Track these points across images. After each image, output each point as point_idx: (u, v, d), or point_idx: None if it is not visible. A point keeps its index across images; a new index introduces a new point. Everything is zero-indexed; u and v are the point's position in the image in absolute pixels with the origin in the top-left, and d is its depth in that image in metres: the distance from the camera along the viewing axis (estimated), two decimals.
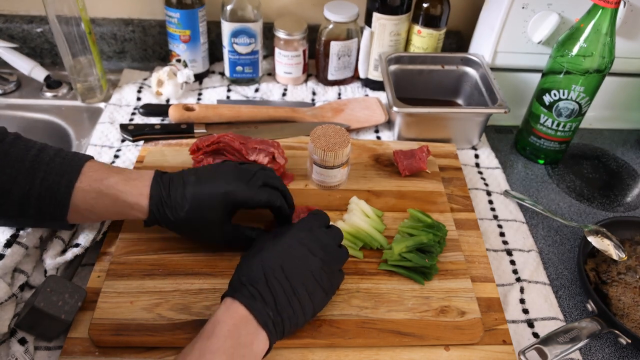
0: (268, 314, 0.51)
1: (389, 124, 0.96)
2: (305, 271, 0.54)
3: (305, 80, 1.06)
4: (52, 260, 0.62)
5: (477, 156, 0.91)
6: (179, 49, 0.97)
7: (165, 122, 0.92)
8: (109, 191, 0.58)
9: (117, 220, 0.69)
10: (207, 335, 0.49)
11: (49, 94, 0.96)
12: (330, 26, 0.97)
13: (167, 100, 0.96)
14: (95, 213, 0.60)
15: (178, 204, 0.59)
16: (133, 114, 0.93)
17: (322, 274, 0.55)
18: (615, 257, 0.69)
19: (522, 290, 0.69)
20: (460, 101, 1.02)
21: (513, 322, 0.66)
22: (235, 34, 0.94)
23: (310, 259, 0.55)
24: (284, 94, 1.01)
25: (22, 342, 0.56)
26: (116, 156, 0.83)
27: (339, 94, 1.03)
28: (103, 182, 0.58)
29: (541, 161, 0.93)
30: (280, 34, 0.96)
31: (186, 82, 0.96)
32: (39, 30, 1.00)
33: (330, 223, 0.68)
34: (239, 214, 0.64)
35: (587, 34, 0.77)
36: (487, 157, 0.91)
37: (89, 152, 0.84)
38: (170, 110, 0.89)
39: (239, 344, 0.48)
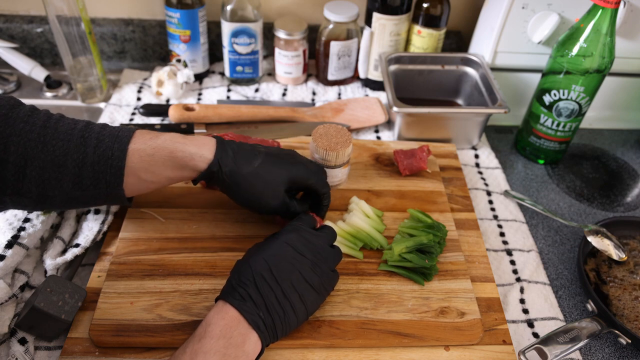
0: (258, 315, 0.51)
1: (389, 124, 0.96)
2: (294, 272, 0.54)
3: (305, 80, 1.06)
4: (52, 261, 0.62)
5: (477, 156, 0.91)
6: (179, 49, 0.97)
7: (166, 122, 0.92)
8: (166, 145, 0.58)
9: (117, 220, 0.69)
10: (198, 337, 0.49)
11: (49, 94, 0.96)
12: (330, 26, 0.97)
13: (167, 100, 0.96)
14: (152, 172, 0.58)
15: (249, 156, 0.60)
16: (133, 114, 0.93)
17: (312, 275, 0.55)
18: (615, 257, 0.69)
19: (522, 290, 0.70)
20: (460, 101, 1.02)
21: (513, 322, 0.66)
22: (236, 34, 0.94)
23: (299, 259, 0.55)
24: (284, 94, 1.01)
25: (22, 342, 0.56)
26: None
27: (339, 94, 1.03)
28: (159, 137, 0.58)
29: (541, 161, 0.93)
30: (281, 34, 0.96)
31: (186, 82, 0.96)
32: (39, 30, 1.00)
33: (330, 223, 0.68)
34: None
35: (587, 34, 0.77)
36: (487, 157, 0.91)
37: None
38: (170, 110, 0.89)
39: (231, 344, 0.49)
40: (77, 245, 0.64)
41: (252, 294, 0.52)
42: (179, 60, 0.97)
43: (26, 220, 0.63)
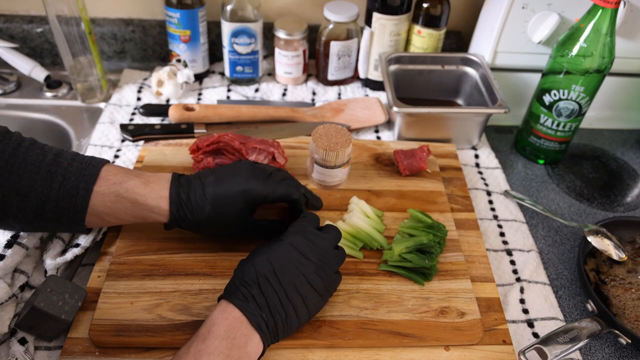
0: (261, 316, 0.51)
1: (389, 124, 0.96)
2: (299, 275, 0.54)
3: (305, 80, 1.06)
4: (53, 261, 0.62)
5: (477, 156, 0.91)
6: (179, 49, 0.97)
7: (165, 122, 0.92)
8: (128, 195, 0.58)
9: None
10: (202, 337, 0.49)
11: (49, 94, 0.96)
12: (330, 26, 0.97)
13: (167, 100, 0.96)
14: (116, 217, 0.60)
15: (198, 205, 0.59)
16: (133, 114, 0.93)
17: (316, 278, 0.55)
18: (615, 257, 0.69)
19: (522, 290, 0.70)
20: (460, 101, 1.02)
21: (513, 322, 0.66)
22: (236, 34, 0.94)
23: (304, 263, 0.55)
24: (284, 94, 1.01)
25: (22, 342, 0.56)
26: (116, 156, 0.83)
27: (339, 94, 1.03)
28: (122, 185, 0.58)
29: (541, 161, 0.93)
30: (281, 34, 0.96)
31: (186, 82, 0.96)
32: (39, 30, 1.00)
33: (330, 223, 0.68)
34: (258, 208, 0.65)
35: (587, 34, 0.77)
36: (487, 157, 0.91)
37: (88, 152, 0.84)
38: (170, 110, 0.89)
39: (234, 345, 0.49)
40: (77, 245, 0.65)
41: (256, 295, 0.52)
42: (179, 60, 0.97)
43: None
